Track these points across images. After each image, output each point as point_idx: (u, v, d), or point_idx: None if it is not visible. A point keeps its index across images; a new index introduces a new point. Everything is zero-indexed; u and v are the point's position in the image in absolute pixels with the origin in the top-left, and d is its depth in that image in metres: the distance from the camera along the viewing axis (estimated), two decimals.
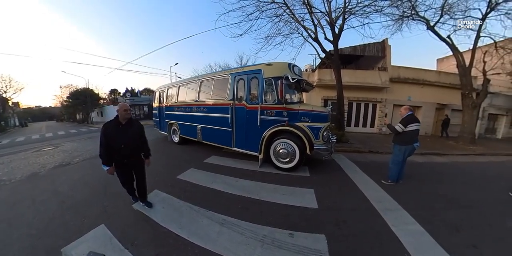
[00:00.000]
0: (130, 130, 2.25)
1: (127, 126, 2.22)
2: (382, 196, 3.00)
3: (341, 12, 6.92)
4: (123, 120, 2.20)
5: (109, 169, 2.20)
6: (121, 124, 2.19)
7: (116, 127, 2.18)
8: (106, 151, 2.15)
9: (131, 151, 2.28)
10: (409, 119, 3.35)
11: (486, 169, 5.08)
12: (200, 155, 5.02)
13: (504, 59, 8.89)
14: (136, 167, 2.39)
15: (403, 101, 10.64)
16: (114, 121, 2.20)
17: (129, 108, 2.22)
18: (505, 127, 12.71)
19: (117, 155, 2.20)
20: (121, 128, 2.19)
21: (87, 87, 24.74)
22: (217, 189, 3.07)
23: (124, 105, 2.21)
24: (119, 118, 2.19)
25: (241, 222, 2.21)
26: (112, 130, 2.16)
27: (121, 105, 2.19)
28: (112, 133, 2.15)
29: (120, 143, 2.16)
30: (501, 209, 2.77)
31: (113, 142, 2.14)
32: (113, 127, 2.17)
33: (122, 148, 2.17)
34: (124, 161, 2.25)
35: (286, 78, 3.51)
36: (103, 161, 2.18)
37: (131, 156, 2.29)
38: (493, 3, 7.34)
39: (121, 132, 2.17)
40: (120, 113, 2.17)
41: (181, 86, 6.16)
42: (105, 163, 2.19)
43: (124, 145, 2.18)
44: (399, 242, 1.94)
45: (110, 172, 2.22)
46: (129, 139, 2.22)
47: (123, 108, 2.17)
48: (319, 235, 2.01)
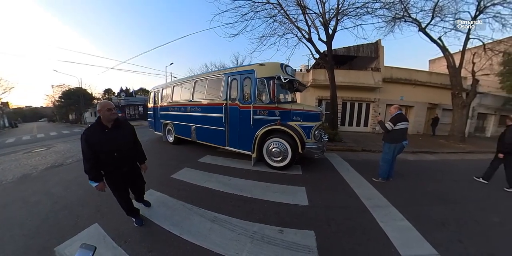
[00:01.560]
0: (120, 134, 1.89)
1: (115, 129, 1.85)
2: (372, 193, 3.07)
3: (335, 13, 7.03)
4: (108, 122, 1.82)
5: (99, 185, 1.83)
6: (106, 127, 1.81)
7: (102, 132, 1.79)
8: (94, 164, 1.77)
9: (127, 158, 1.97)
10: (398, 118, 3.44)
11: (475, 166, 5.18)
12: (195, 155, 5.03)
13: (492, 60, 9.20)
14: (133, 175, 2.10)
15: (395, 101, 10.86)
16: (97, 125, 1.79)
17: (114, 107, 1.81)
18: (494, 126, 13.13)
19: (109, 166, 1.86)
20: (108, 133, 1.81)
21: (80, 86, 24.29)
22: (210, 187, 3.10)
23: (107, 103, 1.79)
24: (102, 120, 1.80)
25: (232, 219, 2.25)
26: (97, 137, 1.75)
27: (103, 104, 1.78)
28: (97, 141, 1.75)
29: (111, 151, 1.81)
30: (487, 204, 2.88)
31: (102, 151, 1.76)
32: (98, 133, 1.77)
33: (115, 156, 1.83)
34: (119, 171, 1.92)
35: (278, 78, 3.57)
36: (90, 176, 1.80)
37: (127, 164, 1.98)
38: (482, 6, 7.59)
39: (109, 138, 1.80)
40: (103, 114, 1.77)
41: (175, 86, 6.15)
42: (94, 179, 1.82)
43: (118, 153, 1.84)
44: (387, 238, 1.99)
45: (100, 188, 1.85)
46: (122, 145, 1.89)
47: (106, 107, 1.75)
48: (308, 231, 2.06)
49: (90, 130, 1.78)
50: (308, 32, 7.44)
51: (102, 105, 1.78)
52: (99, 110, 1.78)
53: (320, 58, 7.88)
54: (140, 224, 2.14)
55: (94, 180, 1.82)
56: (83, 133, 1.75)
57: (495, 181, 3.89)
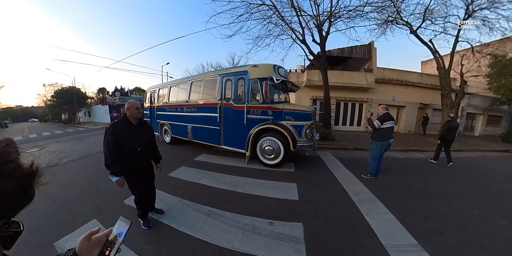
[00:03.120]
0: (144, 131, 2.03)
1: (140, 127, 1.98)
2: (360, 189, 3.22)
3: (328, 16, 7.20)
4: (134, 119, 1.93)
5: (119, 180, 1.88)
6: (132, 124, 1.92)
7: (128, 127, 1.90)
8: (117, 158, 1.83)
9: (148, 155, 2.07)
10: (385, 117, 3.62)
11: (461, 163, 5.44)
12: (191, 154, 5.12)
13: (480, 62, 9.55)
14: (149, 173, 2.16)
15: (388, 101, 11.13)
16: (124, 121, 1.91)
17: (140, 106, 1.96)
18: (482, 125, 13.56)
19: (131, 162, 1.90)
20: (134, 129, 1.92)
21: (73, 85, 23.87)
22: (206, 184, 3.21)
23: (135, 103, 1.94)
24: (129, 117, 1.92)
25: (226, 213, 2.37)
26: (125, 132, 1.86)
27: (132, 102, 1.92)
28: (125, 135, 1.85)
29: (136, 146, 1.90)
30: (467, 199, 3.03)
31: (128, 145, 1.86)
32: (125, 128, 1.88)
33: (138, 152, 1.92)
34: (139, 167, 1.98)
35: (270, 79, 3.70)
36: (112, 170, 1.84)
37: (147, 161, 2.09)
38: (470, 10, 7.88)
39: (135, 133, 1.91)
40: (131, 111, 1.90)
41: (172, 87, 6.21)
42: (116, 173, 1.86)
43: (141, 149, 1.94)
44: (371, 229, 2.12)
45: (120, 184, 1.89)
46: (145, 141, 2.00)
47: (135, 106, 1.90)
48: (297, 223, 2.19)
49: (117, 125, 1.88)
50: (302, 34, 7.60)
51: (131, 104, 1.91)
52: (127, 108, 1.90)
53: (314, 59, 8.04)
54: (148, 226, 2.09)
55: (115, 175, 1.86)
56: (110, 126, 1.86)
57: (477, 178, 4.14)
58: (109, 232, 0.58)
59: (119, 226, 0.60)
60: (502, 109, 12.93)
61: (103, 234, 0.58)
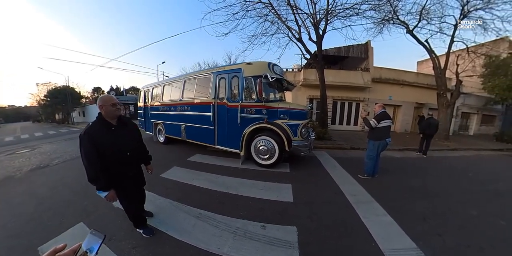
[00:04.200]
0: (128, 131, 1.71)
1: (122, 127, 1.65)
2: (357, 189, 3.14)
3: (324, 14, 7.14)
4: (112, 119, 1.59)
5: (109, 195, 1.56)
6: (112, 125, 1.59)
7: (108, 130, 1.56)
8: (101, 169, 1.49)
9: (136, 159, 1.77)
10: (382, 115, 3.54)
11: (457, 163, 5.49)
12: (185, 154, 5.00)
13: (475, 62, 9.63)
14: (139, 177, 1.93)
15: (384, 100, 11.14)
16: (100, 123, 1.55)
17: (118, 102, 1.59)
18: (476, 124, 13.76)
19: (119, 169, 1.62)
20: (116, 131, 1.59)
21: (67, 85, 23.43)
22: (198, 185, 3.10)
23: (110, 98, 1.57)
24: (106, 117, 1.57)
25: (217, 216, 2.27)
26: (105, 136, 1.52)
27: (106, 98, 1.55)
28: (106, 140, 1.51)
29: (123, 151, 1.61)
30: (465, 198, 3.00)
31: (113, 152, 1.54)
32: (104, 131, 1.54)
33: (127, 157, 1.63)
34: (128, 173, 1.70)
35: (265, 77, 3.60)
36: (99, 186, 1.52)
37: (137, 165, 1.82)
38: (466, 11, 7.94)
39: (118, 136, 1.59)
40: (106, 109, 1.53)
41: (166, 85, 6.07)
42: (103, 188, 1.53)
43: (130, 152, 1.65)
44: (368, 232, 2.03)
45: (111, 198, 1.58)
46: (133, 143, 1.72)
47: (110, 102, 1.53)
48: (291, 227, 2.09)
49: (93, 129, 1.50)
50: (298, 32, 7.53)
51: (104, 100, 1.53)
52: (101, 105, 1.52)
53: (311, 58, 7.98)
54: (150, 234, 1.91)
55: (104, 189, 1.54)
56: (84, 133, 1.47)
57: (473, 177, 4.12)
58: (78, 248, 0.53)
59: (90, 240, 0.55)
60: (496, 109, 13.16)
61: (70, 250, 0.52)
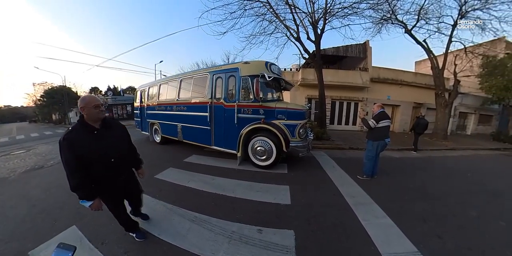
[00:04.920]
0: (114, 134, 1.57)
1: (106, 130, 1.51)
2: (356, 191, 3.10)
3: (323, 13, 7.08)
4: (95, 122, 1.45)
5: (93, 204, 1.44)
6: (95, 128, 1.44)
7: (90, 134, 1.42)
8: (83, 178, 1.38)
9: (125, 164, 1.64)
10: (381, 116, 3.50)
11: (456, 162, 5.49)
12: (181, 155, 4.92)
13: (472, 62, 9.62)
14: (130, 184, 1.80)
15: (383, 100, 11.11)
16: (81, 127, 1.41)
17: (101, 103, 1.46)
18: (474, 124, 13.85)
19: (105, 176, 1.50)
20: (99, 135, 1.45)
21: (64, 85, 23.22)
22: (193, 187, 3.03)
23: (92, 98, 1.42)
24: (88, 120, 1.43)
25: (212, 219, 2.20)
26: (87, 141, 1.38)
27: (87, 99, 1.40)
28: (88, 146, 1.37)
29: (107, 157, 1.47)
30: (464, 199, 2.98)
31: (96, 159, 1.41)
32: (86, 137, 1.39)
33: (112, 163, 1.50)
34: (116, 180, 1.58)
35: (262, 76, 3.53)
36: (82, 195, 1.41)
37: (126, 171, 1.68)
38: (464, 11, 7.96)
39: (102, 140, 1.45)
40: (88, 112, 1.39)
41: (162, 85, 5.99)
42: (87, 197, 1.42)
43: (115, 158, 1.51)
44: (367, 235, 1.98)
45: (96, 208, 1.46)
46: (119, 147, 1.57)
47: (93, 104, 1.38)
48: (288, 231, 2.03)
49: (73, 134, 1.36)
50: (296, 31, 7.47)
51: (86, 101, 1.38)
52: (82, 107, 1.37)
53: (309, 58, 7.92)
54: (142, 238, 1.86)
55: (87, 199, 1.42)
56: (63, 139, 1.33)
57: (472, 177, 4.10)
58: None
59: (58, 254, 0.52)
60: (493, 109, 13.20)
61: None
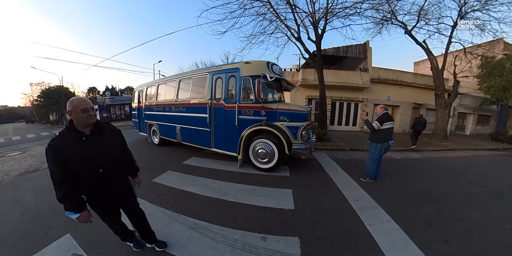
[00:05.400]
0: (105, 141, 1.40)
1: (97, 136, 1.35)
2: (360, 194, 3.04)
3: (324, 13, 7.02)
4: (84, 127, 1.31)
5: (81, 216, 1.32)
6: (83, 135, 1.29)
7: (78, 141, 1.27)
8: (70, 189, 1.27)
9: (116, 174, 1.47)
10: (384, 117, 3.44)
11: (457, 163, 5.47)
12: (180, 157, 4.81)
13: (471, 63, 9.62)
14: (124, 193, 1.58)
15: (383, 100, 11.11)
16: (69, 132, 1.28)
17: (91, 106, 1.31)
18: (472, 124, 13.89)
19: (93, 188, 1.37)
20: (87, 142, 1.30)
21: (61, 85, 22.94)
22: (193, 192, 2.93)
23: (81, 101, 1.27)
24: (76, 125, 1.28)
25: (213, 226, 2.11)
26: (72, 150, 1.24)
27: (75, 102, 1.25)
28: (73, 155, 1.24)
29: (94, 166, 1.32)
30: (468, 201, 2.96)
31: (81, 168, 1.28)
32: (73, 144, 1.26)
33: (100, 174, 1.34)
34: (107, 192, 1.43)
35: (264, 77, 3.44)
36: (68, 206, 1.29)
37: (117, 182, 1.50)
38: (463, 12, 7.97)
39: (90, 148, 1.30)
40: (76, 116, 1.25)
41: (160, 85, 5.89)
42: (74, 209, 1.30)
43: (104, 169, 1.35)
44: (374, 242, 1.93)
45: (84, 220, 1.34)
46: (109, 156, 1.39)
47: (80, 107, 1.24)
48: (293, 238, 1.96)
49: (59, 141, 1.23)
50: (297, 31, 7.40)
51: (73, 104, 1.24)
52: (69, 111, 1.24)
53: (310, 58, 7.86)
54: (140, 247, 1.77)
55: (74, 211, 1.30)
56: (48, 145, 1.21)
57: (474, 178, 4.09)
58: None
59: None
60: (491, 109, 13.25)
61: None
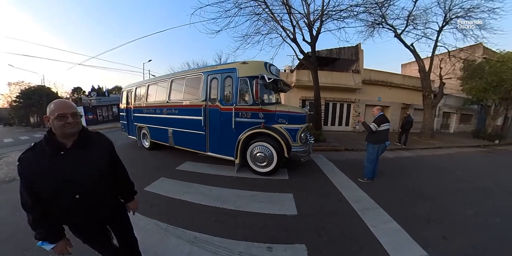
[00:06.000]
0: (89, 157, 1.05)
1: (80, 151, 1.03)
2: (359, 195, 3.07)
3: (319, 15, 7.06)
4: (65, 138, 0.99)
5: (56, 248, 1.03)
6: (62, 147, 0.98)
7: (52, 157, 0.96)
8: (42, 213, 0.98)
9: (101, 199, 1.12)
10: (381, 119, 3.49)
11: (444, 161, 5.79)
12: (173, 162, 4.57)
13: (455, 66, 10.26)
14: (115, 221, 1.26)
15: (374, 101, 11.46)
16: (47, 143, 0.97)
17: (73, 112, 0.97)
18: (456, 123, 14.90)
19: (72, 216, 1.06)
20: (65, 158, 0.98)
21: (43, 84, 21.57)
22: (189, 200, 2.75)
23: (58, 105, 0.96)
24: (55, 136, 0.98)
25: (215, 239, 1.97)
26: (44, 167, 0.94)
27: (52, 106, 0.96)
28: (43, 175, 0.94)
29: (69, 192, 0.99)
30: (459, 198, 3.15)
31: (51, 192, 0.96)
32: (45, 159, 0.95)
33: (77, 201, 1.00)
34: (89, 222, 1.13)
35: (262, 78, 3.34)
36: (38, 235, 0.99)
37: (102, 209, 1.14)
38: (448, 18, 8.49)
39: (67, 167, 0.98)
40: (52, 123, 0.94)
41: (150, 85, 5.60)
42: (47, 238, 1.01)
43: (82, 194, 1.01)
44: (379, 243, 1.94)
45: (60, 251, 1.05)
46: (91, 178, 1.05)
47: (56, 113, 0.93)
48: (299, 245, 1.89)
49: (30, 153, 0.95)
50: (292, 32, 7.40)
51: (50, 109, 0.95)
52: (45, 116, 0.96)
53: (304, 59, 7.88)
54: None
55: (48, 241, 1.01)
56: (18, 158, 0.96)
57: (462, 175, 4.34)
58: None
59: None
60: (473, 108, 14.17)
61: None
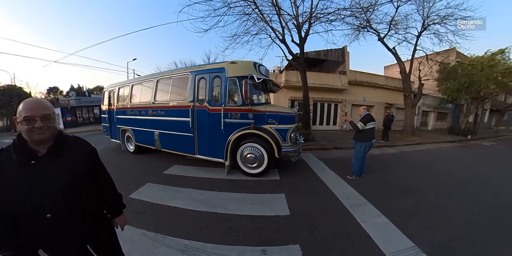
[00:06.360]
0: (65, 168, 0.87)
1: (55, 159, 0.87)
2: (349, 192, 3.17)
3: (308, 17, 7.18)
4: (38, 144, 0.84)
5: None
6: (33, 156, 0.83)
7: (20, 166, 0.80)
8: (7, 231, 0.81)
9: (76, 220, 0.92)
10: (368, 118, 3.61)
11: (424, 156, 6.20)
12: (160, 165, 4.34)
13: (432, 68, 11.10)
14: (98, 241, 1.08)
15: (359, 101, 11.98)
16: (15, 152, 0.81)
17: (43, 114, 0.81)
18: (433, 120, 16.16)
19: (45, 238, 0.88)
20: (34, 168, 0.82)
21: (13, 84, 19.74)
22: (178, 206, 2.61)
23: (28, 105, 0.81)
24: (27, 142, 0.83)
25: (206, 245, 1.88)
26: (8, 179, 0.78)
27: (20, 106, 0.81)
28: (7, 189, 0.78)
29: (39, 210, 0.81)
30: (440, 190, 3.34)
31: (18, 212, 0.80)
32: (10, 170, 0.79)
33: (48, 221, 0.82)
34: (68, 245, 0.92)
35: (251, 78, 3.29)
36: None
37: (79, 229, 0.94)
38: (426, 24, 9.18)
39: (36, 180, 0.81)
40: (21, 129, 0.80)
41: (134, 85, 5.30)
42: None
43: (53, 213, 0.82)
44: (369, 238, 1.99)
45: None
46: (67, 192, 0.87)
47: (23, 115, 0.78)
48: (293, 246, 1.88)
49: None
50: (282, 33, 7.45)
51: (18, 110, 0.81)
52: (14, 118, 0.82)
53: (293, 60, 7.98)
54: None
55: None
56: None
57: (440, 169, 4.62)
58: None
59: None
60: (447, 107, 15.37)
61: None
